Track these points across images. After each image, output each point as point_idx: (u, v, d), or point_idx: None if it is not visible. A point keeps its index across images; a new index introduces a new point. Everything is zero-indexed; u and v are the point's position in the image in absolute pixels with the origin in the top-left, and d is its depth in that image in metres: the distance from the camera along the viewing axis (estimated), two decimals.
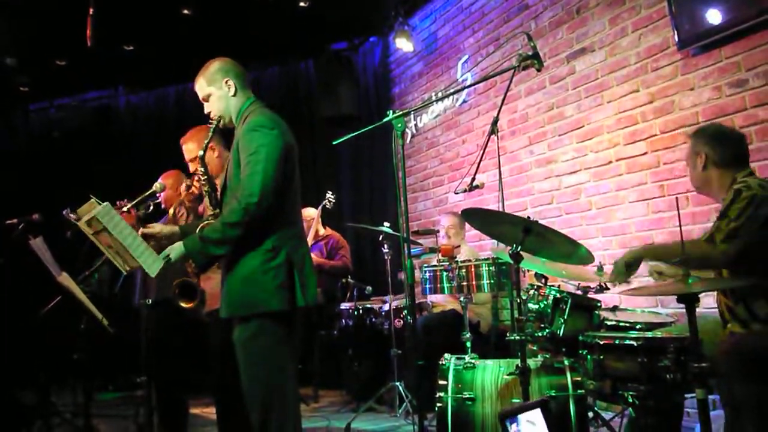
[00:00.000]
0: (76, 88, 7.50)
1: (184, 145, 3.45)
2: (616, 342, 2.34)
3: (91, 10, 4.14)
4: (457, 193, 3.85)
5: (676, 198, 2.50)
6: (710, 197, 2.82)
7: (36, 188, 6.77)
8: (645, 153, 4.01)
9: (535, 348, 2.80)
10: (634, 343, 2.25)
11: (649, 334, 2.38)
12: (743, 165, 2.61)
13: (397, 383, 4.34)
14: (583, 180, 4.47)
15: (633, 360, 2.23)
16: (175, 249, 2.51)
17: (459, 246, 4.61)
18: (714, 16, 3.52)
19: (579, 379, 2.61)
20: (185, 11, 5.75)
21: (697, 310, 2.74)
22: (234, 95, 2.64)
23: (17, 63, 6.51)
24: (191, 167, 3.47)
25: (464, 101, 5.69)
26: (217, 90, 2.63)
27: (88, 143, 7.32)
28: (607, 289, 3.28)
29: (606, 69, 4.27)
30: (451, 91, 5.55)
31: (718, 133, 2.69)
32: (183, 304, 3.20)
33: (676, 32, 3.71)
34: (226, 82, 2.63)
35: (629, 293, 2.19)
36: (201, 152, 2.70)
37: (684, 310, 3.24)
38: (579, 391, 2.54)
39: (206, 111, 2.69)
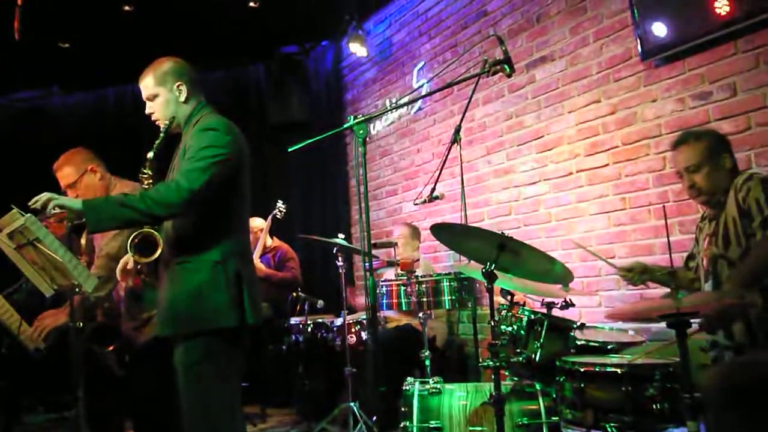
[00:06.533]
0: (5, 87, 7.01)
1: (58, 171, 3.30)
2: (597, 369, 2.19)
3: (19, 1, 3.79)
4: (416, 204, 3.70)
5: (663, 206, 2.38)
6: (707, 205, 2.60)
7: None
8: (606, 165, 3.92)
9: (506, 373, 2.64)
10: (618, 371, 2.10)
11: (627, 357, 2.24)
12: None
13: (352, 404, 4.11)
14: (542, 191, 4.37)
15: (617, 389, 2.06)
16: (69, 200, 2.17)
17: (419, 260, 4.43)
18: (678, 28, 3.46)
19: (551, 404, 2.46)
20: (126, 7, 5.41)
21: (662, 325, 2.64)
22: (185, 101, 2.45)
23: None
24: (69, 194, 3.27)
25: (419, 109, 5.54)
26: (166, 92, 2.43)
27: (18, 146, 6.85)
28: (573, 305, 3.16)
29: (567, 78, 4.18)
30: (412, 98, 5.38)
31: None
32: (97, 349, 2.94)
33: (639, 43, 3.64)
34: (178, 86, 2.44)
35: (613, 316, 2.05)
36: (151, 154, 2.43)
37: (651, 326, 3.18)
38: (553, 417, 2.39)
39: (148, 111, 2.48)
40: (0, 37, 5.14)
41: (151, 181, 2.47)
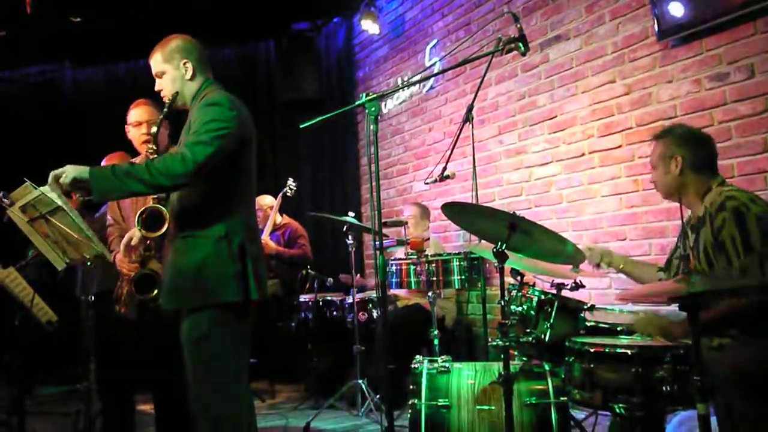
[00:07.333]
0: (17, 61, 7.00)
1: (139, 107, 3.17)
2: (607, 350, 2.18)
3: None
4: (427, 183, 3.68)
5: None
6: (679, 203, 2.65)
7: None
8: (619, 146, 3.89)
9: (516, 353, 2.64)
10: (628, 352, 2.09)
11: (638, 339, 2.23)
12: (716, 170, 2.49)
13: (360, 381, 4.14)
14: (554, 172, 4.34)
15: (626, 370, 2.06)
16: (77, 170, 2.15)
17: (428, 239, 4.43)
18: (696, 7, 3.40)
19: (560, 384, 2.46)
20: None
21: (671, 308, 2.62)
22: (191, 79, 2.47)
23: None
24: (137, 131, 3.12)
25: (431, 87, 5.50)
26: (173, 70, 2.46)
27: (30, 121, 6.86)
28: (583, 286, 3.15)
29: (581, 58, 4.13)
30: (424, 76, 5.34)
31: (692, 135, 2.56)
32: (146, 296, 2.88)
33: (656, 22, 3.58)
34: (184, 64, 2.46)
35: (623, 298, 2.04)
36: (154, 129, 2.55)
37: (661, 308, 3.17)
38: (561, 398, 2.39)
39: (157, 88, 2.53)
40: (12, 11, 5.14)
41: (156, 156, 2.58)
